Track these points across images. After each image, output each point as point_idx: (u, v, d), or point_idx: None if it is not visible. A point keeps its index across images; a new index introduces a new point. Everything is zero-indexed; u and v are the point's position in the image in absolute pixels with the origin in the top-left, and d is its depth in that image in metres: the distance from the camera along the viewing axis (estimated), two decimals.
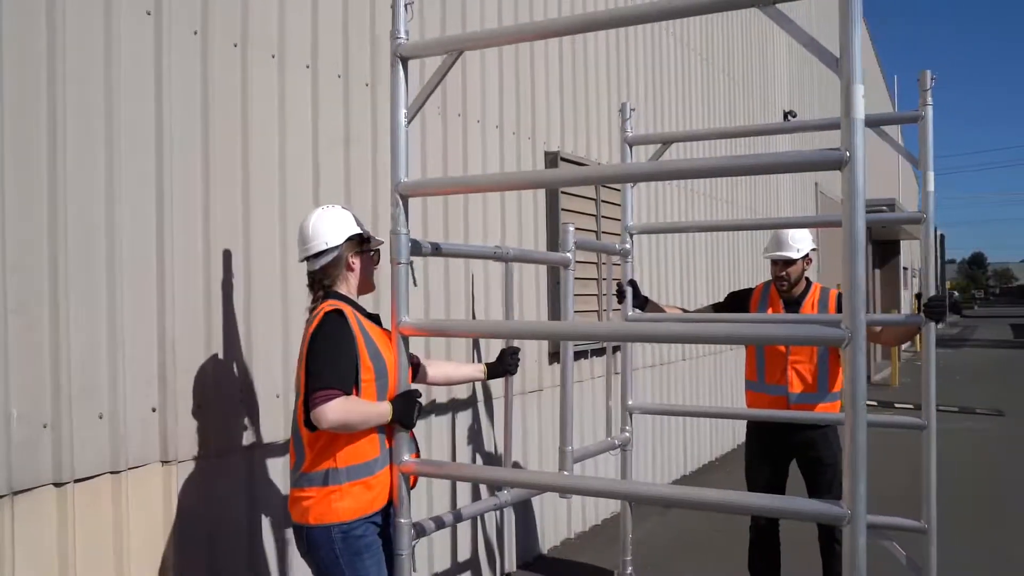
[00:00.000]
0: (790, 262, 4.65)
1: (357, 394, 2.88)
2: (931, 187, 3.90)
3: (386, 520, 3.00)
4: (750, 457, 4.86)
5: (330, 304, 2.95)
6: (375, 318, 3.13)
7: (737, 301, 4.92)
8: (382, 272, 3.17)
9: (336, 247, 3.01)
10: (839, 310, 4.44)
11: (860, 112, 2.23)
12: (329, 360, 2.81)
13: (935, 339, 4.00)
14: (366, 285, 3.15)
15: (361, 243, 3.10)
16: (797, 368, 4.54)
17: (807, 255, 4.68)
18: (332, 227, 3.03)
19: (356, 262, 3.08)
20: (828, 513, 2.40)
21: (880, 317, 4.36)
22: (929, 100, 3.87)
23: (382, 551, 2.97)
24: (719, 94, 10.05)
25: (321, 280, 3.03)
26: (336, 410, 2.74)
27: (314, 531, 2.88)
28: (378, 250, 3.18)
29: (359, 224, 3.10)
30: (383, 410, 2.86)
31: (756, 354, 4.68)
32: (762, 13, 2.39)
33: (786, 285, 4.68)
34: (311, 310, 3.01)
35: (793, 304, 4.72)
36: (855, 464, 2.27)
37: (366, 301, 3.33)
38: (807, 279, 4.78)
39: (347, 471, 2.87)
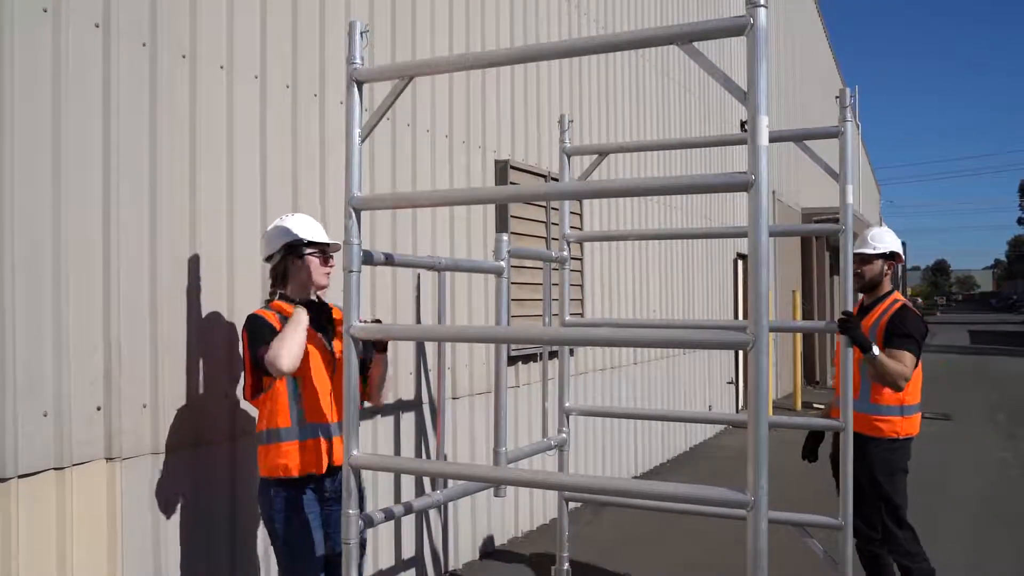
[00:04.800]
0: (866, 259, 4.57)
1: None
2: (849, 199, 4.11)
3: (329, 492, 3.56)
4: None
5: (257, 310, 3.57)
6: (324, 310, 3.64)
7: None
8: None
9: (273, 255, 3.58)
10: (889, 324, 4.49)
11: (765, 139, 2.47)
12: (254, 338, 3.44)
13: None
14: (311, 283, 3.60)
15: (297, 248, 3.54)
16: (857, 375, 4.48)
17: (889, 256, 4.60)
18: (271, 238, 3.61)
19: (297, 265, 3.57)
20: (731, 499, 2.59)
21: (797, 324, 4.55)
22: (849, 116, 4.08)
23: (301, 514, 3.46)
24: (674, 105, 10.27)
25: (273, 279, 3.63)
26: (271, 352, 3.28)
27: (260, 481, 3.57)
28: (323, 251, 3.59)
29: (298, 232, 3.53)
30: (296, 316, 3.38)
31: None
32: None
33: (859, 284, 4.58)
34: (267, 301, 3.66)
35: (865, 311, 4.63)
36: (757, 456, 2.48)
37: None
38: (892, 288, 4.67)
39: (267, 434, 3.48)
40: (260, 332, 3.41)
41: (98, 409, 3.43)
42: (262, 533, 4.17)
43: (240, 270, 4.07)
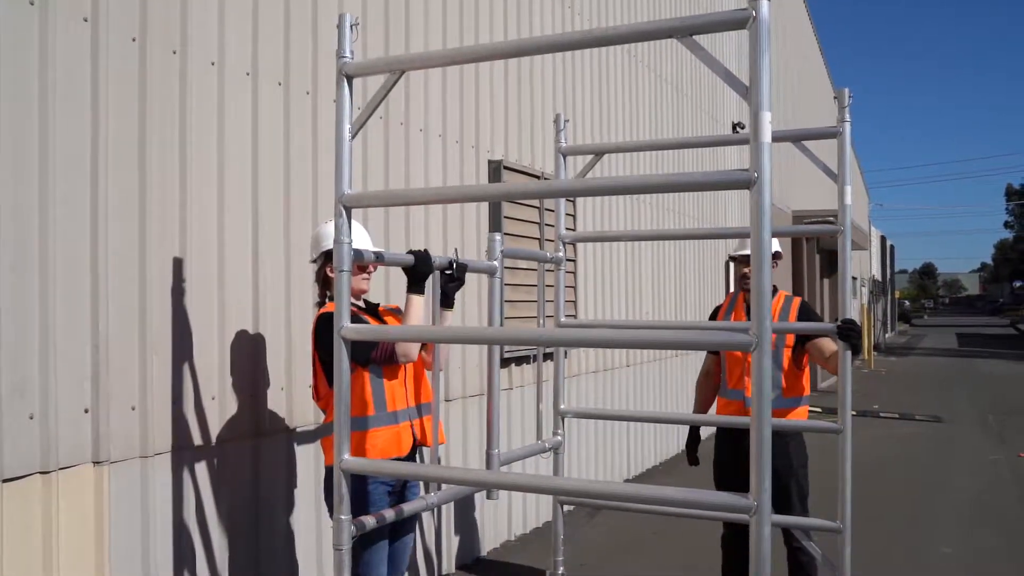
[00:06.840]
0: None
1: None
2: (848, 200, 4.06)
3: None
4: (714, 464, 4.89)
5: (324, 309, 3.59)
6: (373, 307, 3.82)
7: (713, 315, 5.08)
8: None
9: (316, 259, 3.73)
10: (800, 318, 4.61)
11: (767, 136, 2.40)
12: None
13: (849, 354, 4.17)
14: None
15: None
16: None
17: (774, 256, 4.61)
18: (312, 242, 3.79)
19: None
20: (735, 505, 2.54)
21: (799, 325, 4.50)
22: (847, 117, 4.04)
23: (379, 500, 3.61)
24: (667, 106, 10.25)
25: (320, 281, 3.74)
26: (400, 348, 3.50)
27: (327, 470, 3.60)
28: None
29: (330, 241, 3.51)
30: (414, 304, 3.50)
31: (722, 359, 4.80)
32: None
33: (749, 284, 4.68)
34: (318, 305, 3.74)
35: None
36: (760, 459, 2.43)
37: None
38: (774, 286, 4.78)
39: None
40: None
41: (86, 411, 3.35)
42: (257, 535, 4.10)
43: (230, 269, 4.01)
